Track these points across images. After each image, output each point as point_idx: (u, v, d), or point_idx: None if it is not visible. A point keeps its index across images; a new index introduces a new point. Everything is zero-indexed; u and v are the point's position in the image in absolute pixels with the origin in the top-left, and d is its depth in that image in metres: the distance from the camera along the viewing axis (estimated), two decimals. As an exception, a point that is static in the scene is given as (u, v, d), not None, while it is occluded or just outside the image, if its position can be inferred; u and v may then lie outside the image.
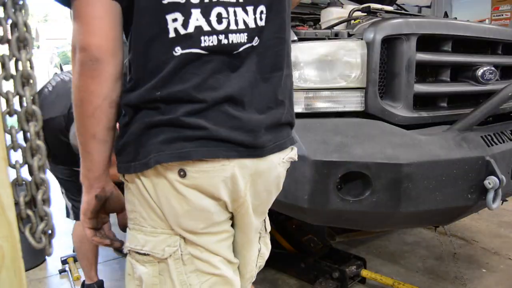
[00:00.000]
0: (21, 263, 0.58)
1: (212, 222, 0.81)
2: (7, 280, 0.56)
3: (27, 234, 0.61)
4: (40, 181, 0.62)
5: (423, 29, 1.43)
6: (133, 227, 0.81)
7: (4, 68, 0.57)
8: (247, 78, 0.77)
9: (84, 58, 0.68)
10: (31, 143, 0.60)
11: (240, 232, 0.88)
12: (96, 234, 0.85)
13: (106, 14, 0.69)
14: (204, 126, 0.73)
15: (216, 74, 0.74)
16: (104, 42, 0.69)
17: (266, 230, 0.99)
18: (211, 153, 0.74)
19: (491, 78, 1.55)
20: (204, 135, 0.73)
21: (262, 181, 0.83)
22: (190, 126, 0.73)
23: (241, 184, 0.79)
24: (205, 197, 0.77)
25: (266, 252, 0.99)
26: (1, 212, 0.55)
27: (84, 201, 0.81)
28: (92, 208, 0.81)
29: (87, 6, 0.68)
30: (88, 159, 0.76)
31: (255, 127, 0.78)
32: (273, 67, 0.81)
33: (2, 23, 0.55)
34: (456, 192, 1.29)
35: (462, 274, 2.15)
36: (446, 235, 2.62)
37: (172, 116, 0.72)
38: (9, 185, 0.56)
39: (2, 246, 0.55)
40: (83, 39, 0.68)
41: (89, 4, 0.68)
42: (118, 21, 0.71)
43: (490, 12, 5.97)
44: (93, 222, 0.83)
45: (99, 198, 0.79)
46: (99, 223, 0.86)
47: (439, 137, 1.35)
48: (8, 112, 0.58)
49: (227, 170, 0.76)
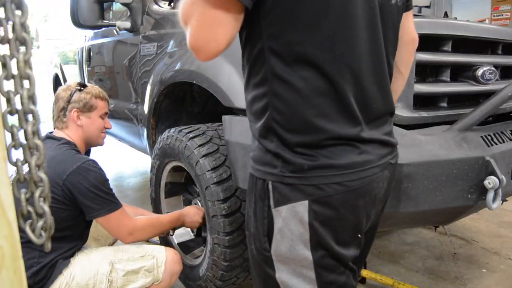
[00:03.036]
0: (21, 263, 0.58)
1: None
2: (7, 280, 0.56)
3: (27, 230, 0.62)
4: (38, 179, 0.62)
5: (423, 29, 1.43)
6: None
7: (5, 68, 0.57)
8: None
9: None
10: (28, 142, 0.61)
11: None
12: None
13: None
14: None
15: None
16: None
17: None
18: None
19: (491, 78, 1.55)
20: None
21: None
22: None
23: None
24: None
25: None
26: (1, 212, 0.55)
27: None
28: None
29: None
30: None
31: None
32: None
33: (2, 23, 0.55)
34: (456, 192, 1.29)
35: (462, 274, 2.15)
36: (446, 235, 2.62)
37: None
38: (9, 185, 0.56)
39: (2, 246, 0.55)
40: None
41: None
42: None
43: (490, 12, 5.96)
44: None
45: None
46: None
47: (439, 137, 1.35)
48: (9, 111, 0.58)
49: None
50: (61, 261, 1.49)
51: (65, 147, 1.55)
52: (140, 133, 2.44)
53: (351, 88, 0.78)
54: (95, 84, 3.11)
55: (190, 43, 0.74)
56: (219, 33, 0.72)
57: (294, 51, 0.75)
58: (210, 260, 1.73)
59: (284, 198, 0.80)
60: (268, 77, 0.78)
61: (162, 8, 2.31)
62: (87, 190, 1.44)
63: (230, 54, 1.62)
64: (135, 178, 4.16)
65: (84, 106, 1.64)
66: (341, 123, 0.78)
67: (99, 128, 1.70)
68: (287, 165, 0.79)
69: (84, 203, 1.46)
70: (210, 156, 1.66)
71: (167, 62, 2.00)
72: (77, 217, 1.50)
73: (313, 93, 0.76)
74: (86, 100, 1.65)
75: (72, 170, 1.44)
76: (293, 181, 0.79)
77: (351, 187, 0.79)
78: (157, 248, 1.67)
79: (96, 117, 1.68)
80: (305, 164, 0.77)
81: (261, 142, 0.83)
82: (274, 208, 0.82)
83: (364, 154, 0.81)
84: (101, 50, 2.96)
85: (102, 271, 1.49)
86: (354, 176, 0.79)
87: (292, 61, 0.75)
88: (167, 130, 1.91)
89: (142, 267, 1.56)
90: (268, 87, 0.78)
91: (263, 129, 0.81)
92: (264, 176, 0.82)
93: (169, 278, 1.61)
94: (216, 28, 0.72)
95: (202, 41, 0.73)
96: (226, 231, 1.62)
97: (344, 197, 0.80)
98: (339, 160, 0.78)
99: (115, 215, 1.51)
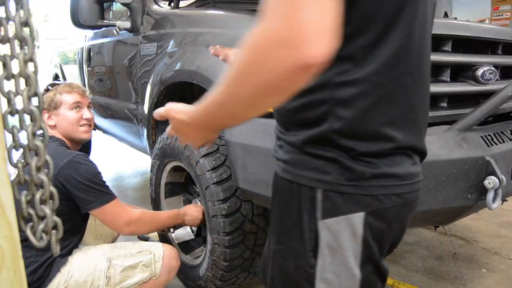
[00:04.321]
0: (21, 263, 0.58)
1: None
2: (7, 280, 0.56)
3: (28, 233, 0.62)
4: (38, 181, 0.62)
5: (423, 29, 1.43)
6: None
7: (6, 68, 0.57)
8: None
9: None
10: (28, 143, 0.60)
11: None
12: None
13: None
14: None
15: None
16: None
17: None
18: None
19: (491, 78, 1.55)
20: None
21: None
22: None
23: None
24: None
25: None
26: (1, 212, 0.55)
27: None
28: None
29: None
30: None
31: None
32: None
33: (3, 23, 0.55)
34: (456, 192, 1.29)
35: (462, 274, 2.15)
36: (446, 235, 2.62)
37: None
38: (9, 185, 0.56)
39: (2, 246, 0.55)
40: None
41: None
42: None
43: (490, 12, 5.97)
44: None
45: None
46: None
47: (439, 137, 1.35)
48: (10, 112, 0.58)
49: None
50: (59, 259, 1.50)
51: (54, 144, 1.57)
52: (140, 133, 2.44)
53: (413, 93, 0.73)
54: (95, 84, 3.12)
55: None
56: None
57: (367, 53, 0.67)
58: (210, 260, 1.73)
59: (336, 209, 0.71)
60: (330, 82, 0.69)
61: (162, 8, 2.31)
62: (80, 183, 1.46)
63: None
64: (135, 178, 4.16)
65: (50, 105, 1.65)
66: (406, 131, 0.72)
67: (72, 121, 1.66)
68: (344, 172, 0.70)
69: (78, 196, 1.47)
70: (210, 156, 1.66)
71: (167, 62, 2.00)
72: (72, 211, 1.52)
73: (383, 100, 0.69)
74: (50, 98, 1.65)
75: (63, 164, 1.46)
76: (350, 190, 0.70)
77: (407, 200, 0.74)
78: (155, 244, 1.67)
79: (65, 112, 1.65)
80: (366, 172, 0.69)
81: (305, 149, 0.73)
82: (322, 219, 0.72)
83: (416, 166, 0.76)
84: (101, 50, 2.96)
85: (100, 267, 1.50)
86: (409, 188, 0.74)
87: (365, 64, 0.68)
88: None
89: (140, 262, 1.56)
90: (328, 93, 0.69)
91: (316, 138, 0.71)
92: (312, 183, 0.72)
93: (167, 273, 1.61)
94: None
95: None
96: (226, 231, 1.62)
97: (399, 210, 0.74)
98: (398, 169, 0.72)
99: (110, 206, 1.52)
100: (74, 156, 1.50)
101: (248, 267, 1.76)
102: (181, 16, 2.15)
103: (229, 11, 1.91)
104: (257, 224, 1.68)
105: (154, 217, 1.71)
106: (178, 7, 2.24)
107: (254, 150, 1.43)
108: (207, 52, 1.75)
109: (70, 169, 1.46)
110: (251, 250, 1.71)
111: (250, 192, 1.50)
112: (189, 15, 2.10)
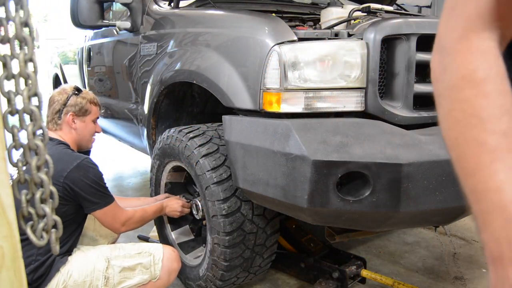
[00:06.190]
0: (21, 263, 0.58)
1: None
2: (7, 280, 0.56)
3: (28, 231, 0.62)
4: (38, 180, 0.62)
5: (423, 29, 1.43)
6: None
7: (6, 68, 0.57)
8: None
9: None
10: (28, 143, 0.60)
11: None
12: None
13: None
14: None
15: None
16: None
17: None
18: None
19: (491, 78, 1.55)
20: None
21: None
22: None
23: None
24: None
25: None
26: (1, 212, 0.55)
27: None
28: None
29: None
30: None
31: None
32: None
33: (3, 23, 0.55)
34: (456, 192, 1.29)
35: (462, 274, 2.15)
36: (446, 235, 2.62)
37: None
38: (9, 185, 0.56)
39: (2, 246, 0.55)
40: None
41: None
42: None
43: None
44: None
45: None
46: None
47: (439, 137, 1.34)
48: (10, 111, 0.58)
49: None
50: (59, 259, 1.52)
51: (61, 146, 1.63)
52: (140, 133, 2.44)
53: None
54: (95, 84, 3.12)
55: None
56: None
57: None
58: (210, 260, 1.73)
59: None
60: None
61: (162, 8, 2.31)
62: (88, 186, 1.53)
63: (230, 53, 1.63)
64: (135, 178, 4.16)
65: (80, 110, 1.72)
66: None
67: (91, 132, 1.79)
68: None
69: (85, 198, 1.54)
70: (210, 156, 1.66)
71: (167, 62, 2.00)
72: (75, 212, 1.57)
73: None
74: (82, 105, 1.73)
75: (72, 167, 1.52)
76: None
77: None
78: (155, 245, 1.68)
79: (90, 121, 1.77)
80: None
81: None
82: None
83: None
84: (101, 50, 2.96)
85: (98, 267, 1.52)
86: None
87: None
88: (167, 130, 1.91)
89: (139, 263, 1.57)
90: None
91: None
92: None
93: (167, 276, 1.61)
94: None
95: None
96: (226, 231, 1.62)
97: None
98: None
99: (111, 208, 1.60)
100: (83, 159, 1.57)
101: (248, 267, 1.76)
102: (181, 16, 2.15)
103: (229, 11, 1.91)
104: (257, 224, 1.68)
105: (143, 214, 1.79)
106: (178, 7, 2.24)
107: (254, 150, 1.43)
108: (207, 52, 1.75)
109: (79, 172, 1.53)
110: (251, 250, 1.71)
111: (250, 192, 1.51)
112: (189, 15, 2.10)
